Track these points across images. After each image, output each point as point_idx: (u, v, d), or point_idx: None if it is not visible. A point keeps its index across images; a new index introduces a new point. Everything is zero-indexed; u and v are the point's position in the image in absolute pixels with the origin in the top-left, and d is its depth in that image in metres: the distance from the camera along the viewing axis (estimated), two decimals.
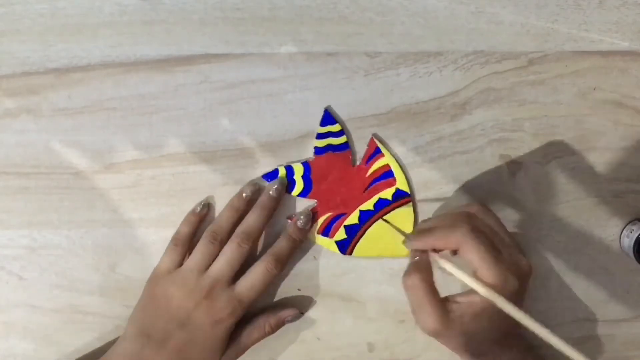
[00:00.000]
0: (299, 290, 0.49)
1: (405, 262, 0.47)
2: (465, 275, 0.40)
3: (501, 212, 0.48)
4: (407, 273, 0.41)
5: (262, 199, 0.47)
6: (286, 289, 0.49)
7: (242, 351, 0.47)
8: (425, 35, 0.47)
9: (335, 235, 0.48)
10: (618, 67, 0.47)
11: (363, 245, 0.48)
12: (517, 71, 0.47)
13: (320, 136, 0.47)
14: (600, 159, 0.48)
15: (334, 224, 0.48)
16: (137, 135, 0.47)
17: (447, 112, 0.47)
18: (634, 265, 0.47)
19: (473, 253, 0.40)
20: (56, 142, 0.47)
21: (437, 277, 0.41)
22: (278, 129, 0.47)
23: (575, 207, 0.48)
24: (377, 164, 0.47)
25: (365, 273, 0.49)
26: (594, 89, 0.47)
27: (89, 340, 0.49)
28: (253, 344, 0.47)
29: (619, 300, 0.49)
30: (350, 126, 0.47)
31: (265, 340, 0.49)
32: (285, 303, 0.49)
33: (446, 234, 0.41)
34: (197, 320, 0.44)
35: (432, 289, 0.40)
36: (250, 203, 0.47)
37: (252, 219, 0.46)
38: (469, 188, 0.48)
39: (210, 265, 0.45)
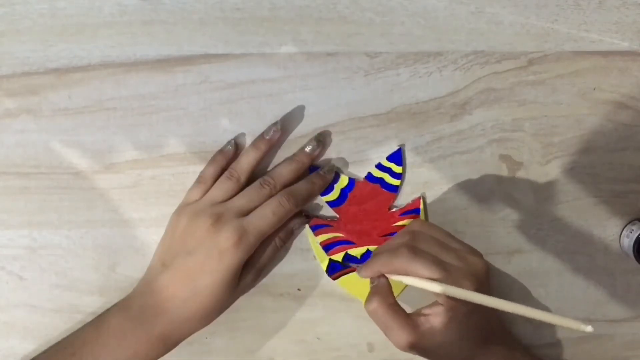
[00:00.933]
0: (299, 290, 0.49)
1: None
2: (420, 281, 0.41)
3: (501, 212, 0.48)
4: (367, 299, 0.42)
5: (297, 153, 0.47)
6: (286, 289, 0.49)
7: (260, 273, 0.46)
8: (425, 35, 0.47)
9: (333, 256, 0.48)
10: (618, 67, 0.47)
11: (351, 279, 0.48)
12: (517, 71, 0.47)
13: (380, 166, 0.47)
14: (600, 159, 0.48)
15: (339, 246, 0.48)
16: (137, 135, 0.47)
17: (447, 112, 0.47)
18: (634, 265, 0.47)
19: (420, 273, 0.41)
20: (56, 142, 0.47)
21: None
22: None
23: (575, 207, 0.48)
24: (409, 221, 0.47)
25: None
26: (594, 89, 0.47)
27: None
28: (269, 262, 0.47)
29: (619, 300, 0.49)
30: (350, 126, 0.47)
31: (265, 340, 0.49)
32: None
33: (389, 260, 0.42)
34: (204, 248, 0.43)
35: (393, 308, 0.41)
36: (273, 144, 0.47)
37: (280, 167, 0.46)
38: (469, 188, 0.48)
39: (226, 200, 0.45)
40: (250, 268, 0.45)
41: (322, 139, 0.47)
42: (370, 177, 0.48)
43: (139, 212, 0.48)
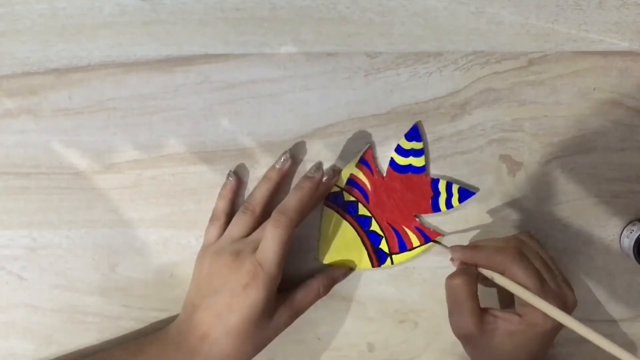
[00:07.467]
0: None
1: (408, 265, 0.48)
2: (515, 285, 0.41)
3: (501, 212, 0.48)
4: (453, 275, 0.42)
5: (302, 180, 0.46)
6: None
7: (297, 314, 0.46)
8: (425, 35, 0.47)
9: (351, 196, 0.48)
10: (618, 67, 0.47)
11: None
12: (517, 71, 0.47)
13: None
14: (600, 159, 0.48)
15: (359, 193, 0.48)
16: (137, 135, 0.47)
17: (447, 112, 0.47)
18: (634, 265, 0.47)
19: (518, 278, 0.41)
20: (56, 142, 0.47)
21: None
22: (278, 129, 0.47)
23: (575, 207, 0.48)
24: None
25: (365, 273, 0.49)
26: (594, 89, 0.47)
27: (89, 340, 0.49)
28: (308, 306, 0.46)
29: (619, 300, 0.49)
30: (350, 126, 0.47)
31: None
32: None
33: (494, 254, 0.42)
34: (229, 285, 0.43)
35: (473, 295, 0.42)
36: (285, 174, 0.47)
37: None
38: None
39: (245, 234, 0.45)
40: (286, 306, 0.45)
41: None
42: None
43: (139, 212, 0.48)
